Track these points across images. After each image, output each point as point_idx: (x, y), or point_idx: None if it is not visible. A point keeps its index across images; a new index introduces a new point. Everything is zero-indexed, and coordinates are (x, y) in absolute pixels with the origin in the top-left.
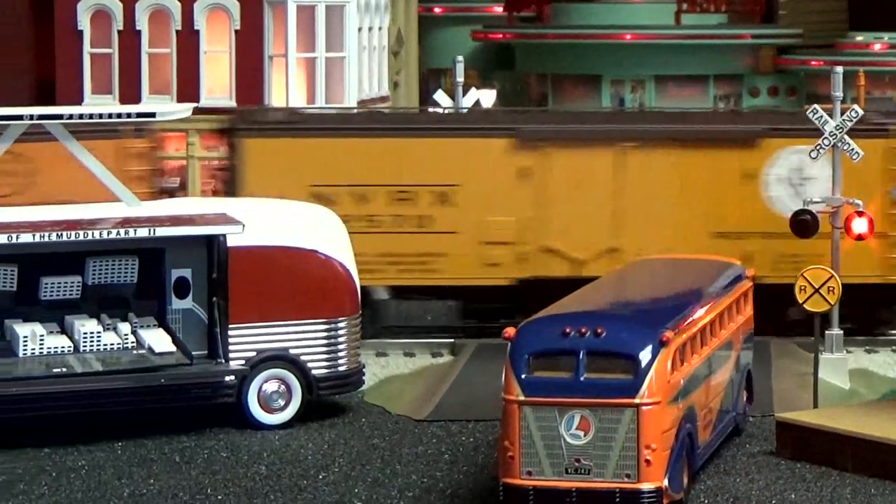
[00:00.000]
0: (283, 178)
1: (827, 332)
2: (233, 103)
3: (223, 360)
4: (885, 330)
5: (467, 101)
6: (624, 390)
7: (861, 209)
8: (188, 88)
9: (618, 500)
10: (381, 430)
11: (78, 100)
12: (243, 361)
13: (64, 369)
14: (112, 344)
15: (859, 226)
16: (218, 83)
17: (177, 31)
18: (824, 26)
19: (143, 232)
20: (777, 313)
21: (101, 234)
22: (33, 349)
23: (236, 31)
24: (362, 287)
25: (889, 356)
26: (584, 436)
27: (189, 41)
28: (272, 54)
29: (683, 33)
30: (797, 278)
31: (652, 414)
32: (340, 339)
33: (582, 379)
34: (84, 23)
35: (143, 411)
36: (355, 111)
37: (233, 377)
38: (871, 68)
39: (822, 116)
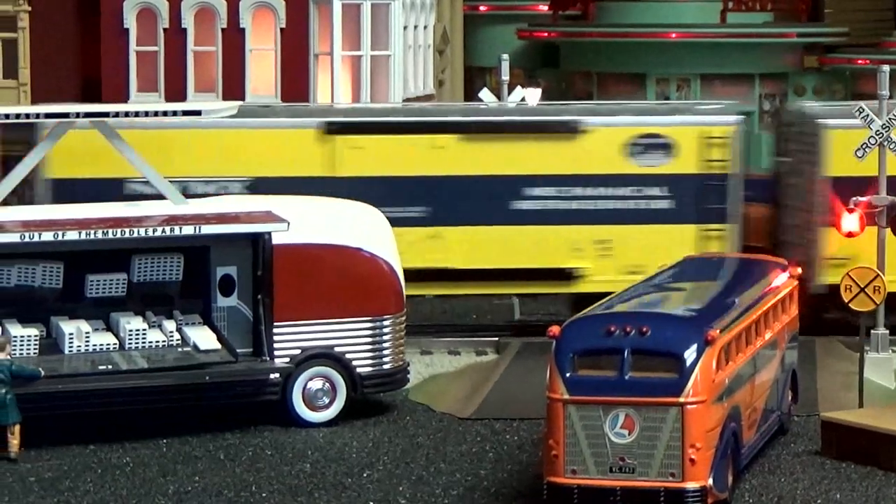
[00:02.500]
0: None
1: (873, 331)
2: (278, 101)
3: (268, 358)
4: None
5: (513, 100)
6: (669, 389)
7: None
8: (233, 86)
9: (662, 499)
10: (425, 429)
11: (124, 97)
12: (288, 359)
13: (109, 366)
14: (157, 341)
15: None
16: (263, 81)
17: (222, 30)
18: (870, 25)
19: (188, 230)
20: None
21: (146, 231)
22: (79, 346)
23: (282, 30)
24: None
25: None
26: (629, 435)
27: (234, 39)
28: (317, 52)
29: (729, 32)
30: (843, 278)
31: (696, 413)
32: (385, 337)
33: (627, 378)
34: (130, 21)
35: (188, 408)
36: None
37: (277, 375)
38: None
39: (868, 115)
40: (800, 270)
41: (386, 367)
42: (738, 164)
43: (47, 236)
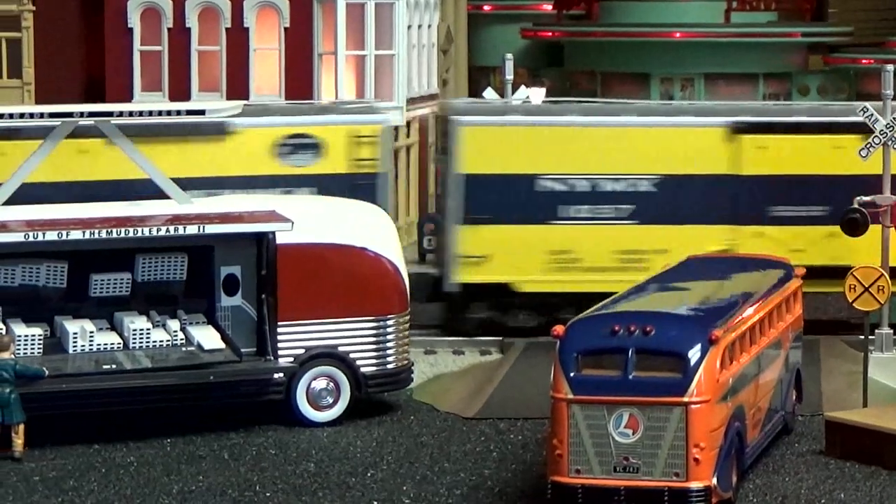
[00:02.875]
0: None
1: (877, 330)
2: (282, 101)
3: (272, 358)
4: None
5: (517, 98)
6: (673, 389)
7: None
8: (237, 86)
9: (666, 498)
10: (429, 428)
11: (128, 97)
12: (292, 359)
13: (113, 366)
14: (161, 341)
15: None
16: (267, 81)
17: (226, 29)
18: (874, 24)
19: (192, 229)
20: None
21: (150, 231)
22: (83, 346)
23: (286, 29)
24: None
25: None
26: (633, 434)
27: (239, 39)
28: (321, 52)
29: (733, 31)
30: (847, 277)
31: (701, 412)
32: (389, 337)
33: (631, 377)
34: (134, 20)
35: (192, 408)
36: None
37: (281, 374)
38: None
39: (872, 115)
40: (803, 269)
41: (390, 366)
42: (388, 163)
43: (51, 236)
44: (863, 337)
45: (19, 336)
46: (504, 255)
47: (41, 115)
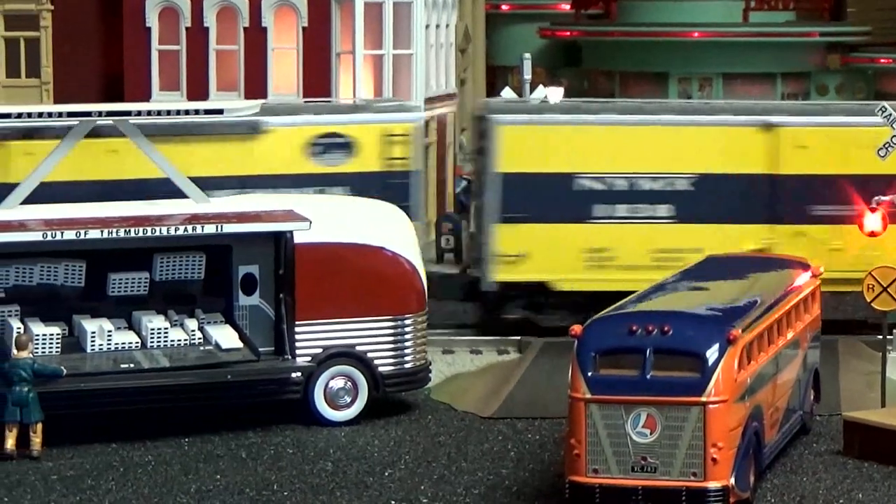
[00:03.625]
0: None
1: (895, 330)
2: (300, 100)
3: (290, 357)
4: None
5: (534, 98)
6: (690, 388)
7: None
8: (255, 85)
9: (684, 498)
10: (447, 427)
11: (146, 96)
12: (310, 358)
13: (131, 365)
14: (179, 340)
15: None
16: (285, 80)
17: (244, 28)
18: (893, 24)
19: (210, 229)
20: None
21: (168, 230)
22: (101, 345)
23: (304, 29)
24: None
25: None
26: (651, 434)
27: (257, 38)
28: (339, 51)
29: (751, 31)
30: (865, 277)
31: (718, 412)
32: (407, 336)
33: (648, 377)
34: (152, 20)
35: (210, 407)
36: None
37: (299, 374)
38: None
39: (891, 114)
40: (822, 269)
41: (408, 366)
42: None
43: (69, 235)
44: (881, 337)
45: (37, 335)
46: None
47: (59, 115)
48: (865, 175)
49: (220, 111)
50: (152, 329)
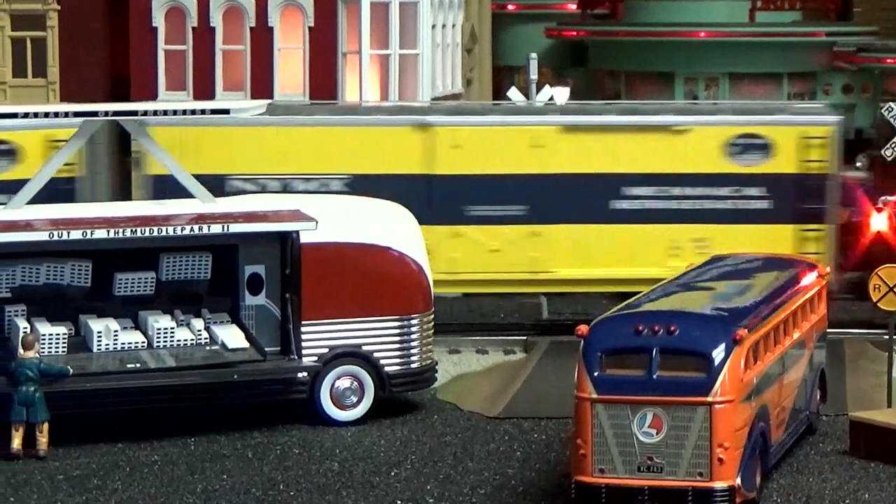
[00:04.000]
0: None
1: None
2: (306, 100)
3: (296, 357)
4: None
5: (541, 99)
6: (697, 388)
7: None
8: (262, 85)
9: (690, 498)
10: (453, 427)
11: (152, 96)
12: (316, 358)
13: (137, 365)
14: (185, 340)
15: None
16: (291, 80)
17: (251, 28)
18: None
19: (216, 228)
20: None
21: (175, 230)
22: (107, 344)
23: (310, 28)
24: None
25: None
26: (657, 434)
27: (263, 38)
28: (346, 51)
29: (757, 31)
30: (872, 277)
31: (725, 412)
32: (413, 336)
33: (655, 377)
34: (158, 19)
35: (216, 407)
36: None
37: (305, 373)
38: None
39: None
40: (828, 269)
41: (414, 365)
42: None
43: (76, 235)
44: (888, 337)
45: (44, 335)
46: None
47: (66, 115)
48: (521, 175)
49: (226, 111)
50: (158, 329)
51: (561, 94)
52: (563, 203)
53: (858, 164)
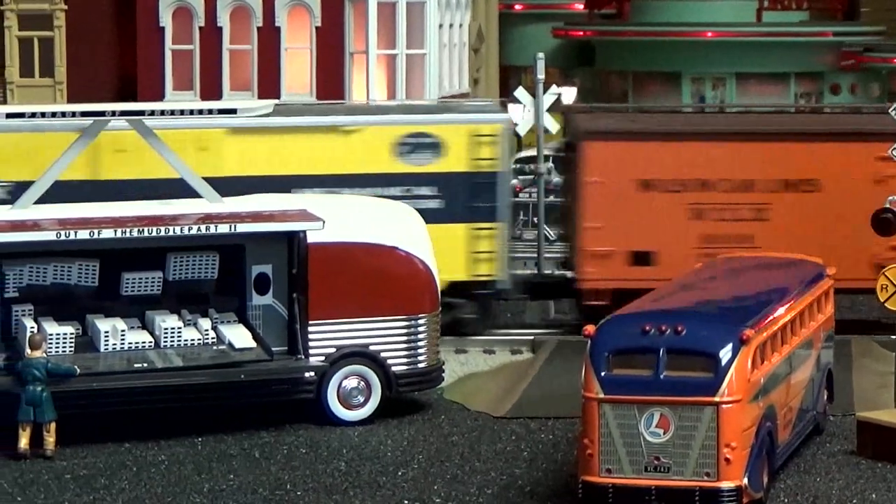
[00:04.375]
0: None
1: None
2: (313, 100)
3: (303, 357)
4: None
5: (548, 99)
6: (704, 388)
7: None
8: (269, 85)
9: (697, 498)
10: (460, 427)
11: (159, 96)
12: (323, 358)
13: (144, 364)
14: (192, 339)
15: None
16: (298, 80)
17: (258, 28)
18: None
19: (223, 228)
20: None
21: (182, 230)
22: (114, 344)
23: (317, 28)
24: None
25: None
26: (664, 434)
27: (270, 38)
28: (353, 51)
29: (764, 31)
30: (879, 276)
31: (732, 412)
32: (420, 336)
33: (662, 377)
34: (166, 19)
35: (223, 407)
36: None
37: (312, 373)
38: None
39: None
40: (835, 269)
41: (421, 365)
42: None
43: (83, 234)
44: (894, 337)
45: (51, 334)
46: None
47: (73, 114)
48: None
49: (233, 111)
50: (166, 329)
51: (568, 94)
52: None
53: None
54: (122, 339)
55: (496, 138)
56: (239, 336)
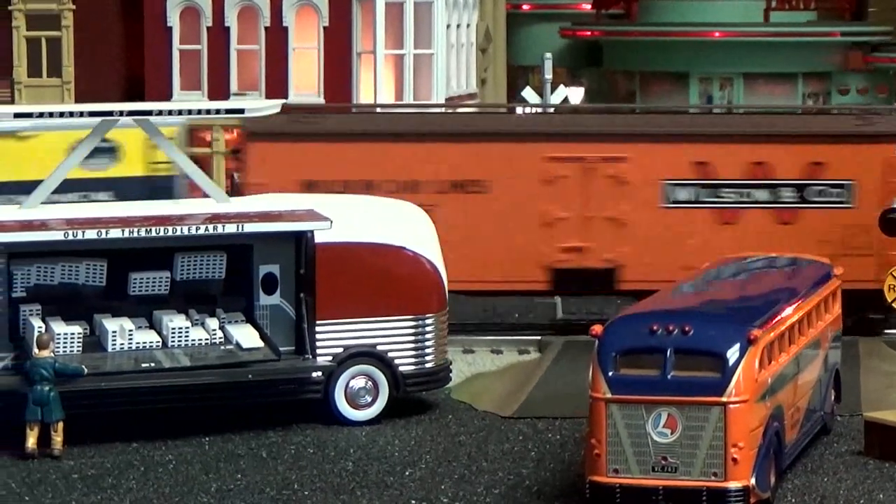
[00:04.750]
0: None
1: None
2: (321, 100)
3: (310, 356)
4: None
5: (555, 99)
6: (711, 388)
7: None
8: (276, 85)
9: (704, 498)
10: (467, 427)
11: (167, 96)
12: (330, 357)
13: (152, 364)
14: (200, 339)
15: None
16: (306, 80)
17: (265, 28)
18: None
19: (231, 228)
20: None
21: (189, 229)
22: (122, 344)
23: (325, 28)
24: None
25: None
26: (671, 434)
27: (278, 38)
28: (360, 51)
29: (772, 31)
30: (886, 277)
31: (739, 412)
32: (427, 336)
33: (669, 377)
34: (173, 19)
35: (231, 406)
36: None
37: (320, 373)
38: None
39: None
40: (842, 269)
41: (428, 365)
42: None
43: (91, 234)
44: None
45: (59, 334)
46: None
47: (81, 114)
48: None
49: (240, 111)
50: (173, 328)
51: (575, 94)
52: None
53: None
54: (130, 339)
55: (172, 141)
56: (246, 336)
